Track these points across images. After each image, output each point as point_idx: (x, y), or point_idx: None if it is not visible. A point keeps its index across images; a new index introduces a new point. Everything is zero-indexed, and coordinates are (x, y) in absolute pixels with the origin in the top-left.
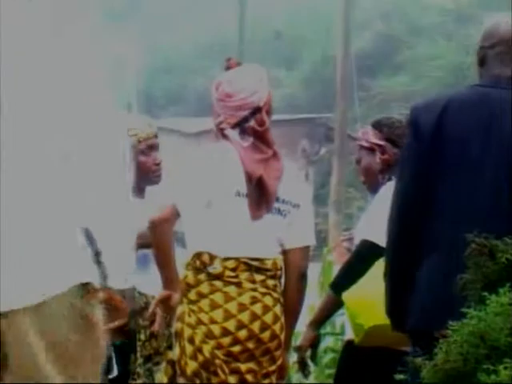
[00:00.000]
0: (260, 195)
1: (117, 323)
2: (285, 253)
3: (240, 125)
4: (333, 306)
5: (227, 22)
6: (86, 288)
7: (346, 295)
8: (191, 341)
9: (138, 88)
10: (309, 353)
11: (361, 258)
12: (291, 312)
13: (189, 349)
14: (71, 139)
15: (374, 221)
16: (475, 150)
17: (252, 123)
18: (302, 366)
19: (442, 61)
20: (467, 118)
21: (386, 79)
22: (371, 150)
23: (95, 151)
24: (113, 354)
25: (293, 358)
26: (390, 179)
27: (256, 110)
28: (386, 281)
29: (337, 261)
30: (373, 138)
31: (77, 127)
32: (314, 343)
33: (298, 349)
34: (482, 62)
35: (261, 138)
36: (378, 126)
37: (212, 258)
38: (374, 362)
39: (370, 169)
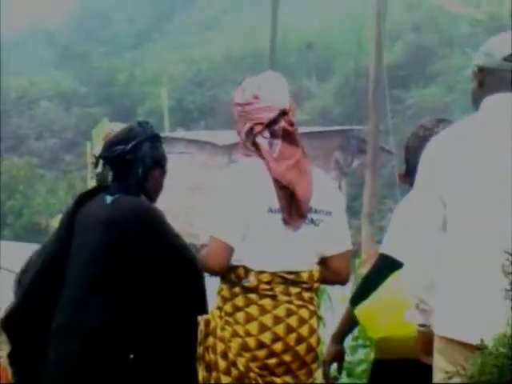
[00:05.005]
0: (294, 207)
1: None
2: (324, 261)
3: (270, 127)
4: (351, 320)
5: (259, 33)
6: None
7: (357, 309)
8: (224, 356)
9: (171, 101)
10: (335, 366)
11: (376, 272)
12: None
13: (222, 364)
14: None
15: (391, 234)
16: None
17: (282, 124)
18: (326, 381)
19: None
20: None
21: (419, 90)
22: None
23: None
24: None
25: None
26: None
27: (283, 112)
28: None
29: None
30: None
31: None
32: (339, 357)
33: (322, 363)
34: None
35: (290, 139)
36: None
37: (247, 271)
38: (402, 375)
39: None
